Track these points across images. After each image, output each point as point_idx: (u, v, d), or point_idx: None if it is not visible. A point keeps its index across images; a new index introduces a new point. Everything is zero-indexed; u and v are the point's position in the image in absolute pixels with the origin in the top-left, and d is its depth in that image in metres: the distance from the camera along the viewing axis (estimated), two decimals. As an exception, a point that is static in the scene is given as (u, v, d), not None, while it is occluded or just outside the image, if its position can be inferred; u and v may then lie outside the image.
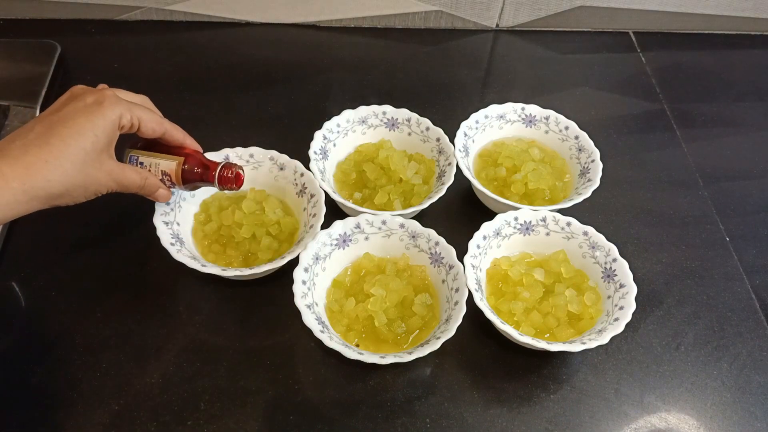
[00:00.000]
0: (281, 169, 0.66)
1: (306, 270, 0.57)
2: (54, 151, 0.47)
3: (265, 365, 0.57)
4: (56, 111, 0.50)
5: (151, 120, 0.54)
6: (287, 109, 0.80)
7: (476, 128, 0.72)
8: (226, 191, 0.60)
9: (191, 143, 0.58)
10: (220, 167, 0.57)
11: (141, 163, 0.57)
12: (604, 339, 0.54)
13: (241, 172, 0.58)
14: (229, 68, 0.85)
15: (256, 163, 0.66)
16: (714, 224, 0.73)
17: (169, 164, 0.57)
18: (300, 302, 0.54)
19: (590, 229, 0.62)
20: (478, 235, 0.61)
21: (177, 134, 0.57)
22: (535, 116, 0.74)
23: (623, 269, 0.60)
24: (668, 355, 0.61)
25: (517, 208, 0.64)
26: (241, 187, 0.59)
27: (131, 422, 0.53)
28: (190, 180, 0.57)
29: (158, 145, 0.57)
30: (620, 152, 0.80)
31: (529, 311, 0.59)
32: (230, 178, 0.58)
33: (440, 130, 0.70)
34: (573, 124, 0.72)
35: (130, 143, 0.58)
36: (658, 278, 0.67)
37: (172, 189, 0.59)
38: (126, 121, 0.51)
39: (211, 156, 0.62)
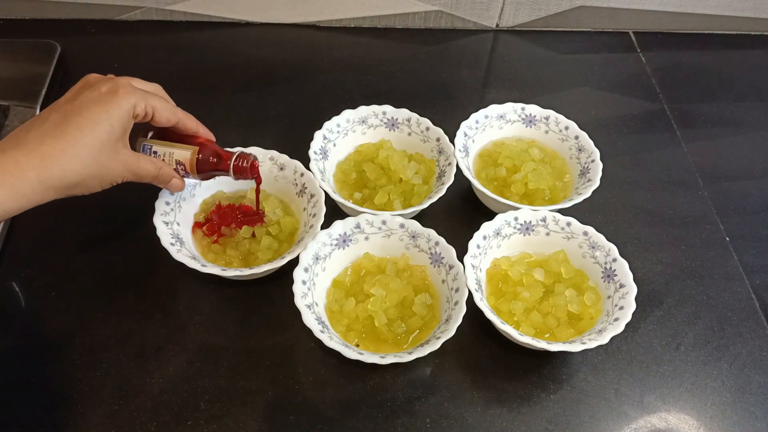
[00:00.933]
0: (281, 169, 0.66)
1: (306, 270, 0.57)
2: (70, 141, 0.47)
3: (265, 365, 0.57)
4: (71, 100, 0.50)
5: (165, 109, 0.54)
6: (287, 109, 0.80)
7: (476, 128, 0.72)
8: (240, 181, 0.59)
9: (204, 132, 0.58)
10: (234, 157, 0.57)
11: (154, 153, 0.56)
12: (604, 339, 0.54)
13: (256, 161, 0.58)
14: (229, 68, 0.85)
15: (256, 163, 0.66)
16: (714, 224, 0.73)
17: (184, 154, 0.56)
18: (300, 302, 0.54)
19: (590, 229, 0.62)
20: (478, 235, 0.61)
21: (190, 123, 0.57)
22: (535, 116, 0.74)
23: (623, 269, 0.60)
24: (668, 355, 0.61)
25: (517, 208, 0.64)
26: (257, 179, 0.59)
27: (131, 422, 0.53)
28: (204, 169, 0.57)
29: (171, 134, 0.57)
30: (620, 152, 0.80)
31: (529, 311, 0.59)
32: (245, 168, 0.57)
33: (440, 130, 0.70)
34: (573, 124, 0.72)
35: (143, 132, 0.57)
36: (658, 278, 0.67)
37: (185, 178, 0.59)
38: (140, 110, 0.51)
39: None
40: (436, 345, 0.53)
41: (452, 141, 0.69)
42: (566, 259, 0.62)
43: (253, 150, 0.66)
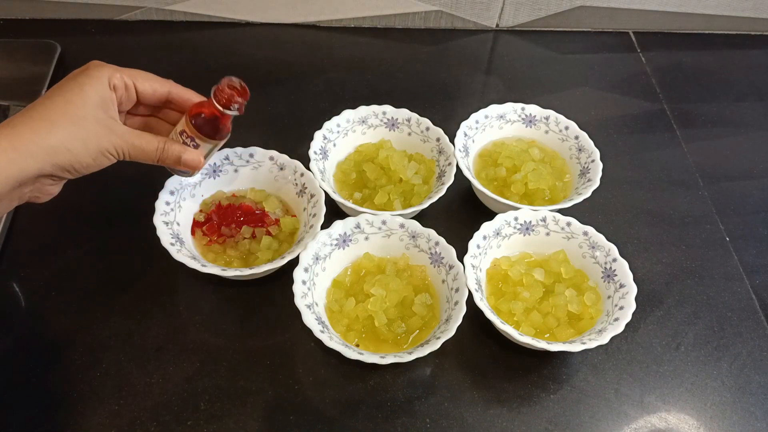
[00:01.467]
0: (281, 169, 0.66)
1: (306, 270, 0.57)
2: (40, 108, 0.46)
3: (265, 365, 0.57)
4: None
5: (148, 78, 0.52)
6: (287, 109, 0.80)
7: (476, 128, 0.72)
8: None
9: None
10: (213, 93, 0.53)
11: None
12: (604, 339, 0.54)
13: (234, 82, 0.53)
14: (229, 68, 0.84)
15: (256, 163, 0.66)
16: (714, 224, 0.73)
17: (182, 121, 0.54)
18: (300, 302, 0.54)
19: (590, 229, 0.62)
20: (478, 235, 0.61)
21: (186, 93, 0.54)
22: (535, 116, 0.74)
23: (623, 269, 0.60)
24: (668, 355, 0.61)
25: (517, 208, 0.64)
26: (247, 98, 0.54)
27: (131, 422, 0.53)
28: (203, 125, 0.53)
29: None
30: (620, 152, 0.80)
31: (529, 311, 0.59)
32: (230, 97, 0.53)
33: (440, 130, 0.70)
34: (573, 124, 0.72)
35: None
36: (658, 278, 0.67)
37: (201, 149, 0.55)
38: (117, 80, 0.50)
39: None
40: (436, 345, 0.53)
41: (452, 141, 0.69)
42: (566, 259, 0.62)
43: (253, 150, 0.66)
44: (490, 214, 0.64)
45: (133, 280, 0.62)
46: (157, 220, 0.59)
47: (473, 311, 0.56)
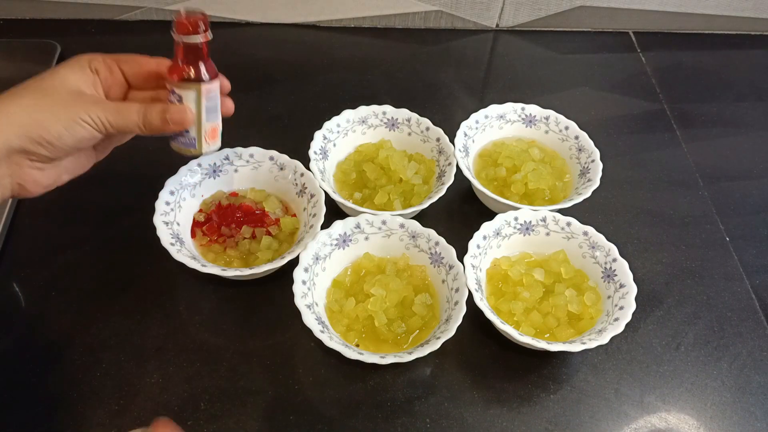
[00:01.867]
0: (281, 169, 0.66)
1: (306, 270, 0.57)
2: (14, 90, 0.46)
3: (265, 365, 0.57)
4: None
5: (132, 56, 0.51)
6: (287, 109, 0.80)
7: (476, 128, 0.72)
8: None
9: None
10: (173, 31, 0.51)
11: None
12: (604, 339, 0.54)
13: (184, 12, 0.51)
14: (229, 68, 0.85)
15: (256, 163, 0.66)
16: (714, 224, 0.73)
17: (166, 80, 0.53)
18: (300, 302, 0.54)
19: (590, 229, 0.62)
20: (478, 235, 0.61)
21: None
22: (535, 116, 0.74)
23: (623, 269, 0.60)
24: (668, 355, 0.61)
25: (517, 208, 0.64)
26: (206, 19, 0.52)
27: (131, 422, 0.53)
28: (179, 70, 0.52)
29: None
30: (620, 152, 0.80)
31: (529, 311, 0.59)
32: (186, 24, 0.51)
33: (440, 130, 0.70)
34: (573, 124, 0.73)
35: None
36: (658, 278, 0.67)
37: (186, 100, 0.52)
38: (98, 63, 0.49)
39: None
40: (436, 345, 0.53)
41: (452, 141, 0.69)
42: (566, 259, 0.62)
43: (253, 150, 0.66)
44: (490, 214, 0.64)
45: (133, 280, 0.62)
46: (157, 220, 0.59)
47: (473, 311, 0.56)
